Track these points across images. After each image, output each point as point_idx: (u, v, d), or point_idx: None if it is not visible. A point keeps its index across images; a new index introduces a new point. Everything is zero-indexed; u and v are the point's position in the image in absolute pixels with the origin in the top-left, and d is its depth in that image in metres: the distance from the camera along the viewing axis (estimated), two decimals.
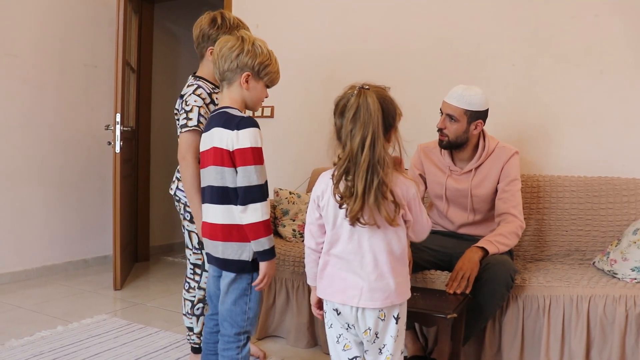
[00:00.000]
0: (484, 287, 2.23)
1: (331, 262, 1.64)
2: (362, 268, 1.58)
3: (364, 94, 1.51)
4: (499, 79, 3.21)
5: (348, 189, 1.52)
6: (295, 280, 2.78)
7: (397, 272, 1.60)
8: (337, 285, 1.62)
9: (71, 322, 3.06)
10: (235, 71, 1.83)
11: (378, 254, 1.57)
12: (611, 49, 2.94)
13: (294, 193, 3.21)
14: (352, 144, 1.49)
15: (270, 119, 3.93)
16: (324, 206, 1.62)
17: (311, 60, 3.81)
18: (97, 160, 4.49)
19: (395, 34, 3.51)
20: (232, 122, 1.77)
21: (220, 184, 1.79)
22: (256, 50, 1.82)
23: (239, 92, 1.85)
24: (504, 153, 2.56)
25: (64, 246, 4.29)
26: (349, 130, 1.50)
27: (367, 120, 1.48)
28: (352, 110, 1.50)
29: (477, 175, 2.56)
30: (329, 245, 1.64)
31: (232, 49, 1.81)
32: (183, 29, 5.29)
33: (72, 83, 4.31)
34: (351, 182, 1.51)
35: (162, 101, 5.00)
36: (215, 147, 1.79)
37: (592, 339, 2.23)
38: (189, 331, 2.45)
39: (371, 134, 1.48)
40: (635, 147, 2.90)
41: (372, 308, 1.58)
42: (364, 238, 1.58)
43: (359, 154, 1.49)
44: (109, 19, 4.44)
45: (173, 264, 4.74)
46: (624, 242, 2.47)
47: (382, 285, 1.57)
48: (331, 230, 1.62)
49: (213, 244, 1.86)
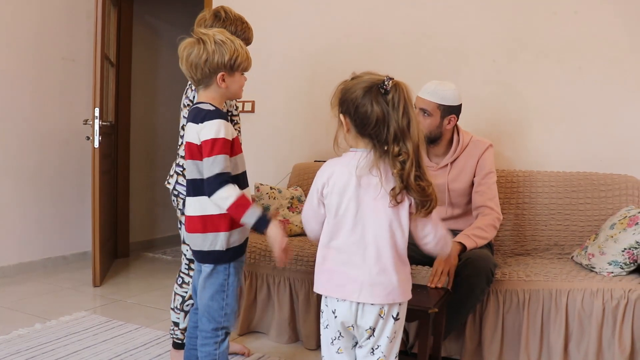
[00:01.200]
0: (464, 282, 2.24)
1: (331, 255, 1.58)
2: (364, 261, 1.53)
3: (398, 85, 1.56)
4: (480, 74, 3.22)
5: (400, 163, 1.49)
6: (277, 276, 2.77)
7: (400, 268, 1.55)
8: (337, 279, 1.56)
9: (49, 319, 3.02)
10: (209, 76, 1.82)
11: (382, 246, 1.52)
12: (590, 45, 2.97)
13: (274, 188, 3.20)
14: (399, 119, 1.50)
15: (251, 114, 3.90)
16: (327, 194, 1.57)
17: (293, 55, 3.79)
18: (76, 155, 4.43)
19: (378, 29, 3.50)
20: (199, 116, 1.78)
21: (195, 177, 1.81)
22: (221, 47, 1.78)
23: (217, 90, 1.85)
24: (478, 146, 2.59)
25: (42, 242, 4.22)
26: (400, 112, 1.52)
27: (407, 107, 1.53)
28: (402, 99, 1.54)
29: (453, 170, 2.58)
30: (330, 236, 1.58)
31: (199, 56, 1.77)
32: (164, 22, 5.23)
33: (50, 77, 4.23)
34: (405, 149, 1.49)
35: (142, 96, 4.95)
36: (188, 142, 1.82)
37: (570, 332, 2.26)
38: (174, 326, 2.41)
39: (415, 118, 1.53)
40: (613, 142, 2.94)
41: (372, 304, 1.53)
42: (368, 229, 1.53)
43: (406, 130, 1.49)
44: (87, 11, 4.37)
45: (153, 260, 4.70)
46: (602, 237, 2.51)
47: (384, 280, 1.52)
48: (333, 219, 1.56)
49: (192, 236, 1.86)
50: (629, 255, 2.34)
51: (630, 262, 2.34)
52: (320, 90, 3.58)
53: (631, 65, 2.89)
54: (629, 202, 2.74)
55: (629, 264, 2.34)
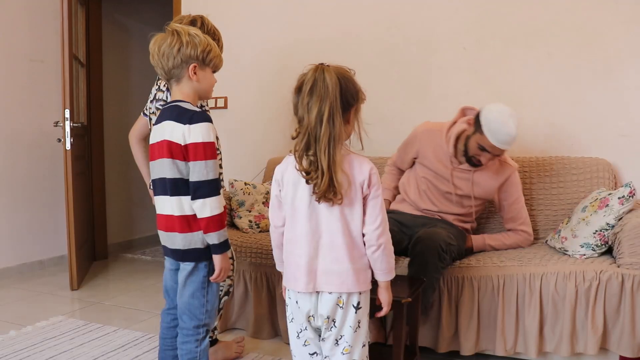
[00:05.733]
0: (416, 260, 2.29)
1: (289, 247, 1.61)
2: (318, 250, 1.55)
3: (321, 69, 1.49)
4: (451, 62, 3.23)
5: (312, 164, 1.49)
6: (253, 272, 2.76)
7: (355, 258, 1.55)
8: (294, 271, 1.58)
9: (25, 325, 2.97)
10: (181, 66, 1.79)
11: (335, 235, 1.53)
12: (558, 30, 2.99)
13: (249, 184, 3.18)
14: (309, 117, 1.47)
15: (224, 110, 3.87)
16: (282, 187, 1.60)
17: (264, 50, 3.76)
18: (48, 158, 4.35)
19: (347, 21, 3.50)
20: (185, 116, 1.76)
21: (175, 176, 1.78)
22: (194, 39, 1.78)
23: (189, 85, 1.83)
24: (504, 168, 2.62)
25: (16, 248, 4.15)
26: (306, 104, 1.47)
27: (323, 94, 1.46)
28: (309, 84, 1.47)
29: (476, 178, 2.60)
30: (288, 228, 1.61)
31: (171, 46, 1.76)
32: (134, 21, 5.16)
33: (18, 79, 4.15)
34: (314, 157, 1.48)
35: (114, 96, 4.88)
36: (167, 141, 1.77)
37: (545, 315, 2.28)
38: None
39: (329, 108, 1.46)
40: (583, 126, 2.97)
41: (330, 292, 1.54)
42: (322, 219, 1.54)
43: (318, 127, 1.46)
44: (53, 11, 4.28)
45: (132, 261, 4.65)
46: (574, 220, 2.53)
47: (337, 269, 1.54)
48: (289, 211, 1.59)
49: (169, 235, 1.84)
50: (600, 237, 2.36)
51: (602, 244, 2.37)
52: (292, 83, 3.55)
53: (598, 49, 2.92)
54: (600, 185, 2.77)
55: (600, 245, 2.37)
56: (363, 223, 1.55)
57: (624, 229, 2.28)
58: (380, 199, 1.55)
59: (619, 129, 2.90)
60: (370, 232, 1.54)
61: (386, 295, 1.66)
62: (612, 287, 2.18)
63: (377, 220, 1.54)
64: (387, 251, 1.57)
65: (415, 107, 3.32)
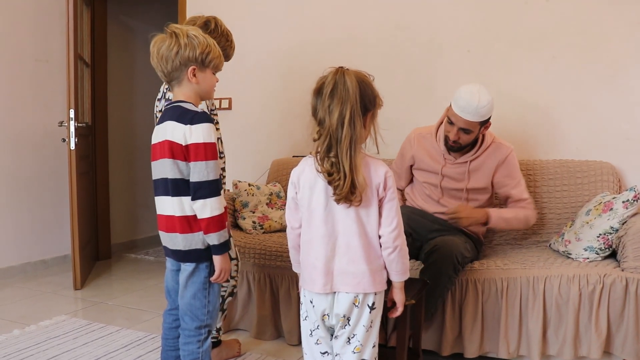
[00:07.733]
0: (430, 269, 2.28)
1: (303, 249, 1.64)
2: (335, 251, 1.57)
3: (341, 72, 1.50)
4: (456, 65, 3.23)
5: (334, 166, 1.50)
6: (257, 273, 2.76)
7: (371, 259, 1.57)
8: (311, 271, 1.60)
9: (29, 324, 2.98)
10: (180, 69, 1.79)
11: (351, 237, 1.55)
12: (563, 33, 2.99)
13: (253, 185, 3.18)
14: (330, 120, 1.48)
15: (228, 111, 3.88)
16: (298, 190, 1.62)
17: (269, 51, 3.77)
18: (53, 157, 4.36)
19: (352, 23, 3.50)
20: (186, 116, 1.76)
21: (176, 176, 1.78)
22: (193, 41, 1.77)
23: (189, 87, 1.83)
24: (500, 150, 2.58)
25: (20, 247, 4.16)
26: (327, 106, 1.48)
27: (344, 97, 1.47)
28: (330, 87, 1.48)
29: (472, 168, 2.58)
30: (305, 230, 1.63)
31: (170, 48, 1.76)
32: (139, 22, 5.17)
33: (23, 79, 4.16)
34: (335, 159, 1.50)
35: (119, 96, 4.89)
36: (169, 141, 1.77)
37: (548, 318, 2.28)
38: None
39: (350, 111, 1.47)
40: (587, 129, 2.97)
41: (347, 292, 1.56)
42: (338, 221, 1.56)
43: (339, 130, 1.48)
44: (59, 12, 4.30)
45: (136, 261, 4.66)
46: (578, 223, 2.53)
47: (353, 270, 1.56)
48: (305, 213, 1.61)
49: (170, 236, 1.84)
50: (603, 240, 2.36)
51: (605, 248, 2.37)
52: (296, 85, 3.57)
53: (603, 53, 2.91)
54: (605, 188, 2.76)
55: (604, 249, 2.37)
56: (379, 225, 1.57)
57: (628, 232, 2.27)
58: (395, 202, 1.58)
59: (624, 133, 2.89)
60: (386, 235, 1.56)
61: (400, 295, 1.68)
62: (616, 290, 2.18)
63: (393, 222, 1.56)
64: (402, 252, 1.59)
65: (420, 109, 3.32)
